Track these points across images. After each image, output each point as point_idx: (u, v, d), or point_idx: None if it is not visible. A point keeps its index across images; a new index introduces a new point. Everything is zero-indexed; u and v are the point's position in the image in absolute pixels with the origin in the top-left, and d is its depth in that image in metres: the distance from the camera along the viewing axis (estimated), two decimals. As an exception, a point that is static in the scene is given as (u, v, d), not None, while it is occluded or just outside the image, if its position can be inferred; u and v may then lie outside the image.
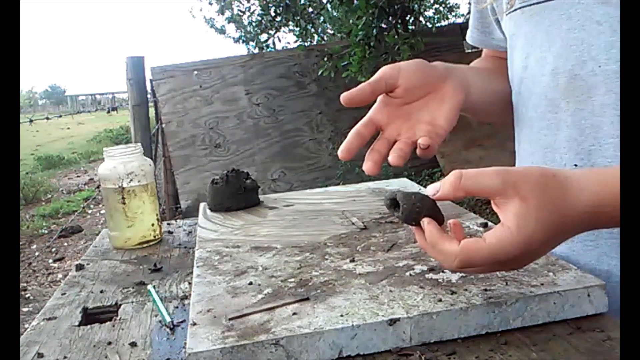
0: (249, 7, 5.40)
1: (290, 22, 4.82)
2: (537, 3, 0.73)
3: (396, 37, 3.84)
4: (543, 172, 0.54)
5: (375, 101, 0.71)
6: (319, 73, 4.25)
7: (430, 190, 0.56)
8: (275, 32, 4.95)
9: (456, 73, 0.74)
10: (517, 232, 0.52)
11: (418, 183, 1.27)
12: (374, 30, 3.71)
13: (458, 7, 7.83)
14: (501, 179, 0.52)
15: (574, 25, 0.69)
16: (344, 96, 0.67)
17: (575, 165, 0.71)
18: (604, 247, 0.70)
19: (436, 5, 6.93)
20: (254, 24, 5.51)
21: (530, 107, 0.77)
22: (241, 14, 5.63)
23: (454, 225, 0.56)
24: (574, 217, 0.54)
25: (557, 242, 0.55)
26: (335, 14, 6.41)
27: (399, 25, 3.88)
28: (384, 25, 3.84)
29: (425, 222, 0.57)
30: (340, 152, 0.67)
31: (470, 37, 0.93)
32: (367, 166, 0.66)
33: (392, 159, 0.66)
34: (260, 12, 4.89)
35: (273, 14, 4.72)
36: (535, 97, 0.75)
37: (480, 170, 0.54)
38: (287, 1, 4.58)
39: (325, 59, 4.16)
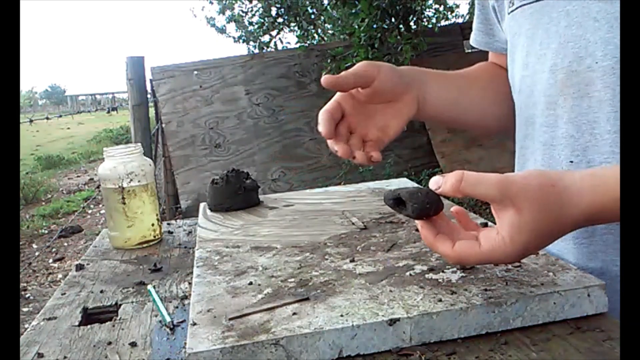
0: (251, 8, 5.39)
1: (292, 24, 4.82)
2: (537, 1, 0.73)
3: (398, 37, 3.84)
4: (542, 182, 0.55)
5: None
6: (323, 75, 4.24)
7: (433, 184, 0.58)
8: (277, 34, 4.95)
9: (415, 85, 0.77)
10: (510, 243, 0.55)
11: (418, 183, 1.27)
12: (377, 33, 3.71)
13: (458, 7, 7.84)
14: (498, 189, 0.54)
15: (571, 22, 0.70)
16: (327, 78, 0.70)
17: (571, 161, 0.71)
18: (599, 244, 0.71)
19: (436, 6, 6.93)
20: (255, 25, 5.50)
21: (530, 105, 0.78)
22: (243, 14, 5.62)
23: (457, 213, 0.62)
24: (569, 223, 0.57)
25: (551, 242, 0.58)
26: (335, 14, 6.41)
27: (401, 26, 3.88)
28: (386, 26, 3.83)
29: (419, 226, 0.60)
30: (324, 132, 0.70)
31: (474, 40, 0.94)
32: (342, 150, 0.70)
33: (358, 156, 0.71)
34: (262, 13, 4.89)
35: (275, 16, 4.72)
36: (535, 94, 0.76)
37: (481, 177, 0.55)
38: (289, 3, 4.58)
39: (329, 60, 4.16)
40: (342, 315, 0.57)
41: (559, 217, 0.55)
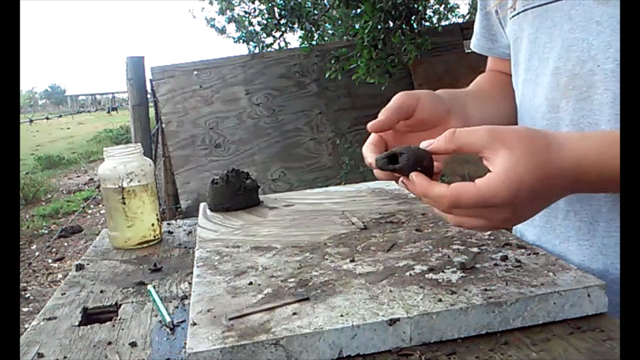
0: (254, 9, 5.37)
1: (296, 25, 4.80)
2: (540, 5, 0.74)
3: (402, 37, 3.84)
4: (530, 131, 0.58)
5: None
6: (326, 76, 4.23)
7: (425, 143, 0.60)
8: (281, 35, 4.93)
9: (457, 107, 0.77)
10: (505, 176, 0.55)
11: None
12: (381, 33, 3.70)
13: (458, 7, 7.84)
14: (490, 134, 0.56)
15: (574, 26, 0.70)
16: (371, 125, 0.69)
17: None
18: (599, 245, 0.71)
19: (436, 6, 6.94)
20: (257, 26, 5.48)
21: (532, 108, 0.78)
22: (247, 15, 5.60)
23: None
24: (558, 169, 0.57)
25: (545, 198, 0.58)
26: (335, 14, 6.40)
27: (404, 26, 3.87)
28: (389, 27, 3.83)
29: (413, 175, 0.60)
30: (369, 163, 0.67)
31: (476, 45, 0.94)
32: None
33: None
34: (266, 15, 4.87)
35: (278, 17, 4.70)
36: (538, 97, 0.76)
37: (472, 128, 0.58)
38: (292, 4, 4.57)
39: (333, 61, 4.15)
40: (342, 315, 0.57)
41: (547, 157, 0.56)
